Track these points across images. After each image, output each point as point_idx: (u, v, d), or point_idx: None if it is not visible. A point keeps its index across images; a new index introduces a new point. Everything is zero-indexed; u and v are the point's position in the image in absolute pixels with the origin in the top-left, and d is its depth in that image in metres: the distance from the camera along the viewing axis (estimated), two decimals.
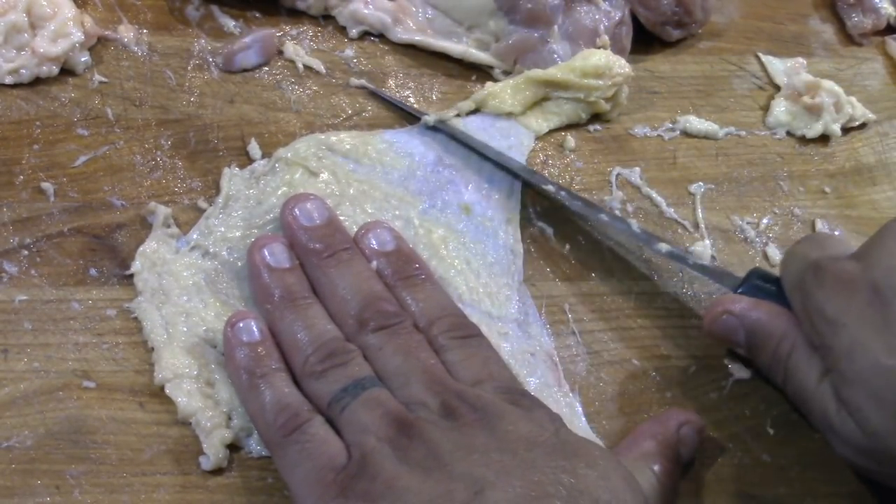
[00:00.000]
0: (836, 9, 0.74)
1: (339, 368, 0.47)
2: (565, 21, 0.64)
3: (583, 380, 0.54)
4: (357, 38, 0.65)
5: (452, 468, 0.41)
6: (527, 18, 0.63)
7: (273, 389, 0.47)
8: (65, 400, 0.49)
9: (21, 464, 0.47)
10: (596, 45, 0.64)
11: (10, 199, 0.54)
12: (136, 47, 0.61)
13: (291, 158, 0.57)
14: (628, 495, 0.42)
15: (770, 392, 0.55)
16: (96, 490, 0.47)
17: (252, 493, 0.48)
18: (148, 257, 0.53)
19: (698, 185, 0.63)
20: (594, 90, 0.63)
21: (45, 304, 0.51)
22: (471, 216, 0.58)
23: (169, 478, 0.48)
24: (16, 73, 0.58)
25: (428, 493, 0.41)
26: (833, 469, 0.54)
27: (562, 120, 0.63)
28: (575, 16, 0.64)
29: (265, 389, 0.47)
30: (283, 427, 0.45)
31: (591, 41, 0.64)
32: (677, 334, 0.57)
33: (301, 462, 0.44)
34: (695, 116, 0.66)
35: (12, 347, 0.50)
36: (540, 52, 0.64)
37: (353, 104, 0.62)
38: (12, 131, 0.57)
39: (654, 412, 0.54)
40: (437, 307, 0.51)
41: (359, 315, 0.49)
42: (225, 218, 0.55)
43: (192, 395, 0.49)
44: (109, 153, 0.57)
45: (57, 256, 0.53)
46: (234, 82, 0.61)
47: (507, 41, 0.64)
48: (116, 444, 0.48)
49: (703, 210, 0.62)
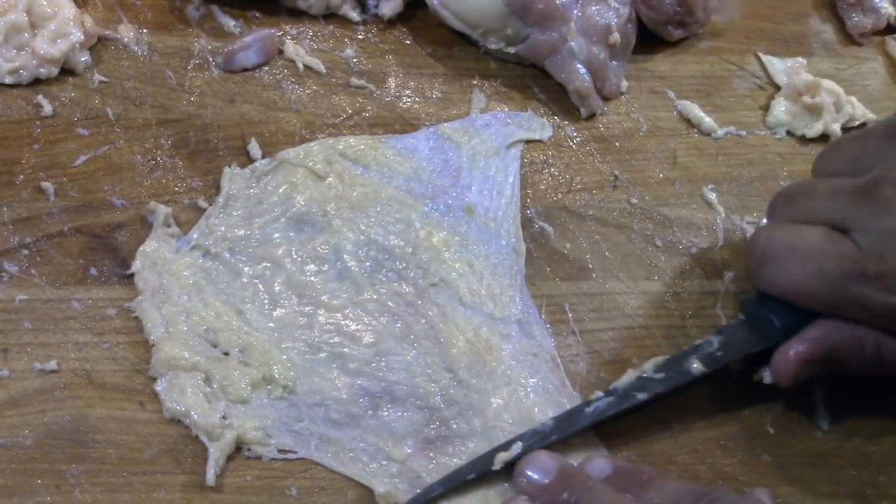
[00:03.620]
0: (836, 9, 0.74)
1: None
2: (578, 18, 0.64)
3: (583, 379, 0.54)
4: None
5: None
6: (540, 19, 0.63)
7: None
8: (65, 399, 0.49)
9: (21, 463, 0.47)
10: (609, 43, 0.64)
11: (11, 198, 0.54)
12: (137, 47, 0.61)
13: (302, 160, 0.57)
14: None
15: (770, 392, 0.55)
16: (96, 489, 0.47)
17: (252, 493, 0.48)
18: (148, 257, 0.53)
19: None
20: None
21: (45, 303, 0.51)
22: (474, 217, 0.58)
23: (169, 477, 0.48)
24: (16, 73, 0.58)
25: None
26: (833, 469, 0.54)
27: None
28: (587, 13, 0.64)
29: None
30: None
31: (603, 38, 0.64)
32: (677, 334, 0.57)
33: None
34: (689, 102, 0.66)
35: (12, 347, 0.50)
36: (560, 51, 0.64)
37: (354, 104, 0.62)
38: (12, 131, 0.57)
39: (654, 414, 0.54)
40: (675, 492, 0.49)
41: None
42: (225, 217, 0.55)
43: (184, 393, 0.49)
44: (109, 153, 0.57)
45: (57, 256, 0.53)
46: (234, 82, 0.61)
47: (529, 43, 0.64)
48: (117, 443, 0.48)
49: (721, 211, 0.62)
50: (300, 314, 0.53)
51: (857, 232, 0.52)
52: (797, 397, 0.56)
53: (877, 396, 0.56)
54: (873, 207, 0.51)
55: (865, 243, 0.51)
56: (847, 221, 0.52)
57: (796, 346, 0.53)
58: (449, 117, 0.63)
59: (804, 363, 0.53)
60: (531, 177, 0.61)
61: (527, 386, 0.53)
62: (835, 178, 0.54)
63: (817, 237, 0.52)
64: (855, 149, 0.55)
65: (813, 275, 0.52)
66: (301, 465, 0.49)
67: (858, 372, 0.54)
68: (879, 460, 0.55)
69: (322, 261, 0.55)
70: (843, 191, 0.53)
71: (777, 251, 0.54)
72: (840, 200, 0.53)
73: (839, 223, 0.52)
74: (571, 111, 0.65)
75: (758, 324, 0.55)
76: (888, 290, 0.51)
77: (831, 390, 0.56)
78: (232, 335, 0.52)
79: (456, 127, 0.62)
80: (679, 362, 0.54)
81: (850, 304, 0.52)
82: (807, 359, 0.53)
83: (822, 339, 0.53)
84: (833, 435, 0.55)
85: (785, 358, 0.53)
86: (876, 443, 0.55)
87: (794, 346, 0.53)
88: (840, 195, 0.53)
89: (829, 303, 0.53)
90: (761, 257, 0.54)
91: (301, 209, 0.56)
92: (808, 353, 0.53)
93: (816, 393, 0.56)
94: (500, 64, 0.66)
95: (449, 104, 0.63)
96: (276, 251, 0.55)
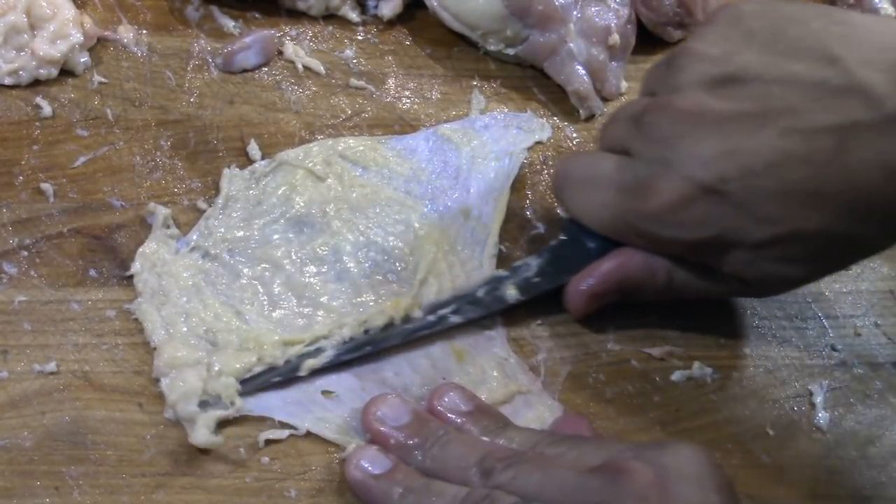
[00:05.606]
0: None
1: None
2: (578, 20, 0.64)
3: (582, 380, 0.54)
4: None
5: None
6: (540, 20, 0.63)
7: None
8: (64, 401, 0.49)
9: (20, 464, 0.47)
10: (608, 44, 0.64)
11: (10, 199, 0.54)
12: (136, 48, 0.61)
13: (301, 161, 0.57)
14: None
15: (770, 392, 0.55)
16: (96, 491, 0.47)
17: (252, 494, 0.48)
18: (148, 258, 0.53)
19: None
20: None
21: (44, 304, 0.51)
22: (468, 220, 0.58)
23: (168, 478, 0.48)
24: (15, 74, 0.58)
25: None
26: (832, 469, 0.54)
27: None
28: (587, 14, 0.64)
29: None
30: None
31: (602, 39, 0.64)
32: (677, 335, 0.57)
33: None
34: None
35: (12, 348, 0.50)
36: (560, 52, 0.64)
37: (353, 104, 0.62)
38: (12, 132, 0.57)
39: (654, 414, 0.54)
40: (531, 439, 0.49)
41: (481, 467, 0.47)
42: (225, 219, 0.55)
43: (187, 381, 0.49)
44: (109, 154, 0.57)
45: (56, 257, 0.53)
46: (233, 83, 0.61)
47: (528, 45, 0.64)
48: (116, 444, 0.48)
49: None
50: (299, 315, 0.53)
51: (636, 161, 0.52)
52: (797, 397, 0.56)
53: (877, 396, 0.56)
54: (642, 135, 0.51)
55: (640, 173, 0.51)
56: (629, 150, 0.52)
57: (587, 279, 0.54)
58: (448, 118, 0.63)
59: (595, 296, 0.54)
60: (531, 177, 0.61)
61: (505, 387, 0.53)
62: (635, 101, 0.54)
63: (608, 166, 0.53)
64: (652, 72, 0.55)
65: (599, 205, 0.53)
66: (300, 466, 0.49)
67: (652, 298, 0.55)
68: (879, 460, 0.55)
69: (321, 262, 0.55)
70: (627, 117, 0.53)
71: (570, 179, 0.54)
72: (626, 127, 0.52)
73: (627, 151, 0.52)
74: (571, 112, 0.65)
75: (575, 245, 0.55)
76: (657, 222, 0.51)
77: (831, 390, 0.56)
78: (231, 336, 0.52)
79: (455, 128, 0.62)
80: (497, 286, 0.55)
81: (634, 234, 0.52)
82: (598, 291, 0.54)
83: (614, 271, 0.53)
84: (833, 435, 0.55)
85: (577, 291, 0.54)
86: (876, 443, 0.56)
87: (585, 279, 0.54)
88: (627, 122, 0.52)
89: (617, 232, 0.53)
90: (557, 184, 0.55)
91: (300, 210, 0.56)
92: (599, 285, 0.54)
93: (816, 393, 0.56)
94: (499, 65, 0.66)
95: (448, 105, 0.63)
96: (275, 252, 0.55)
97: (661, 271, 0.53)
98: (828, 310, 0.60)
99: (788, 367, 0.57)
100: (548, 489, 0.44)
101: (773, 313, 0.59)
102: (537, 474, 0.45)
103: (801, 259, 0.51)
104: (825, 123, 0.47)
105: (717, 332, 0.57)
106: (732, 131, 0.48)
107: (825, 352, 0.58)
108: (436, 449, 0.48)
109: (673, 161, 0.50)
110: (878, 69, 0.46)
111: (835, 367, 0.58)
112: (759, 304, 0.59)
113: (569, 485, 0.43)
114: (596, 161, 0.54)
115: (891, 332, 0.60)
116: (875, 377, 0.58)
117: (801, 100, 0.48)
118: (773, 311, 0.59)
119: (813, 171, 0.47)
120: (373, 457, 0.48)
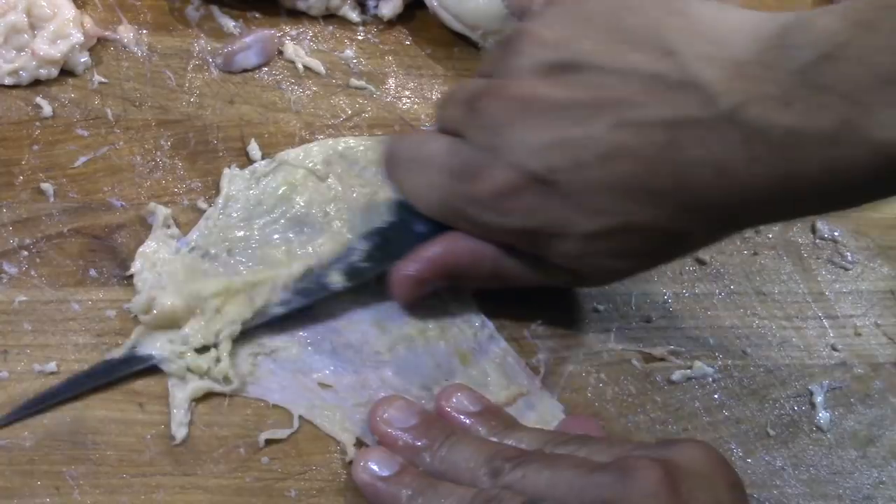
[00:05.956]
0: None
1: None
2: None
3: (583, 380, 0.54)
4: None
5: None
6: None
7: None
8: (64, 401, 0.49)
9: (20, 464, 0.47)
10: None
11: (10, 199, 0.54)
12: (136, 48, 0.61)
13: (301, 161, 0.57)
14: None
15: (770, 392, 0.55)
16: (96, 491, 0.47)
17: (251, 495, 0.48)
18: (148, 258, 0.53)
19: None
20: None
21: (44, 304, 0.51)
22: None
23: (168, 478, 0.48)
24: (15, 74, 0.58)
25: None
26: (833, 469, 0.54)
27: None
28: None
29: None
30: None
31: None
32: (677, 335, 0.57)
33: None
34: None
35: (12, 348, 0.50)
36: None
37: (353, 105, 0.62)
38: (12, 132, 0.57)
39: (655, 414, 0.54)
40: (540, 439, 0.49)
41: (489, 468, 0.47)
42: (225, 219, 0.55)
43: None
44: (109, 154, 0.57)
45: (56, 257, 0.53)
46: (233, 83, 0.61)
47: None
48: (116, 444, 0.48)
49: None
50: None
51: (467, 144, 0.50)
52: (797, 397, 0.56)
53: (877, 396, 0.56)
54: (474, 119, 0.50)
55: (471, 157, 0.50)
56: (462, 132, 0.51)
57: (412, 264, 0.52)
58: None
59: (420, 282, 0.53)
60: None
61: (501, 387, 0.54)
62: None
63: (440, 148, 0.51)
64: (492, 53, 0.54)
65: (428, 186, 0.52)
66: (300, 466, 0.49)
67: (480, 285, 0.54)
68: (879, 460, 0.55)
69: None
70: (461, 99, 0.51)
71: (400, 158, 0.53)
72: (461, 109, 0.51)
73: (460, 133, 0.51)
74: None
75: (404, 228, 0.54)
76: (485, 209, 0.50)
77: (831, 390, 0.56)
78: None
79: None
80: (322, 274, 0.53)
81: (462, 219, 0.51)
82: (423, 278, 0.52)
83: (439, 257, 0.52)
84: (833, 435, 0.55)
85: (401, 277, 0.53)
86: (876, 443, 0.56)
87: (409, 264, 0.52)
88: (461, 104, 0.51)
89: (445, 216, 0.52)
90: (387, 162, 0.54)
91: (301, 210, 0.56)
92: (424, 271, 0.52)
93: (816, 393, 0.56)
94: None
95: None
96: (275, 252, 0.55)
97: (488, 258, 0.52)
98: (828, 310, 0.60)
99: (788, 367, 0.57)
100: (557, 488, 0.44)
101: (773, 313, 0.59)
102: (546, 473, 0.45)
103: (629, 252, 0.50)
104: (658, 118, 0.46)
105: (717, 332, 0.58)
106: (564, 120, 0.47)
107: (825, 352, 0.58)
108: (444, 450, 0.48)
109: (503, 148, 0.49)
110: (714, 65, 0.45)
111: (835, 367, 0.58)
112: (759, 305, 0.59)
113: (578, 483, 0.43)
114: (428, 141, 0.53)
115: (891, 332, 0.60)
116: (875, 377, 0.58)
117: (635, 92, 0.46)
118: (773, 312, 0.59)
119: (644, 166, 0.46)
120: (380, 459, 0.48)
